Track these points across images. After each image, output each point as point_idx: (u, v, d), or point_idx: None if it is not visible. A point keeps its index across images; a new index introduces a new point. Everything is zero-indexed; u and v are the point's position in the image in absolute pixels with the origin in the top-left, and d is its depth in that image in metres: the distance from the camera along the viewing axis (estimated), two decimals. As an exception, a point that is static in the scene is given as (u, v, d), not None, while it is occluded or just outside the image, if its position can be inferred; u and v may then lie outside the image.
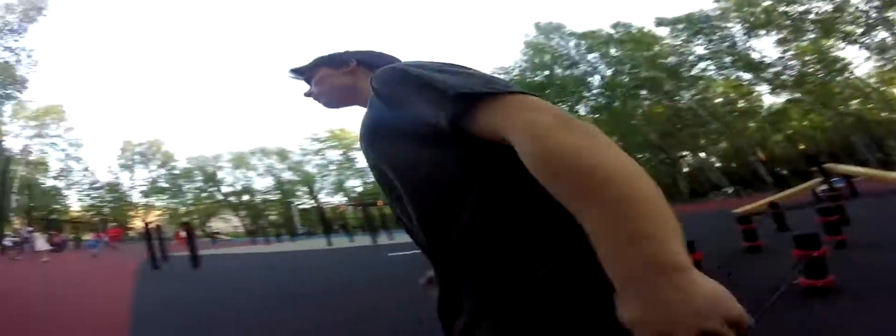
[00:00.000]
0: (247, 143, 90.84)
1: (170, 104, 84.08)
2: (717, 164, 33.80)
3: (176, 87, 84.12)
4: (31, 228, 17.44)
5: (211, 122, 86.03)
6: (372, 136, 0.80)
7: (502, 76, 39.75)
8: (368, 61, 1.12)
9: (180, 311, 4.73)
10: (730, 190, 26.07)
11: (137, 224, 47.42)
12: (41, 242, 16.03)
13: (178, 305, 5.31)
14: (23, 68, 34.72)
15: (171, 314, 4.52)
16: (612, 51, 34.39)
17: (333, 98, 1.14)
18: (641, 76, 32.29)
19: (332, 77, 1.13)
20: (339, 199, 48.63)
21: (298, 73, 1.20)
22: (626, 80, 33.78)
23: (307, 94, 1.20)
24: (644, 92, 33.22)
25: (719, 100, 32.33)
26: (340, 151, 51.96)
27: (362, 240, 19.26)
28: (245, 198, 53.42)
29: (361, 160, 49.22)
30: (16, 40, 33.42)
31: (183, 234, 17.92)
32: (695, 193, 30.71)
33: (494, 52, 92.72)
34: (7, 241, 19.46)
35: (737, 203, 16.45)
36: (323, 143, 51.73)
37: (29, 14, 33.19)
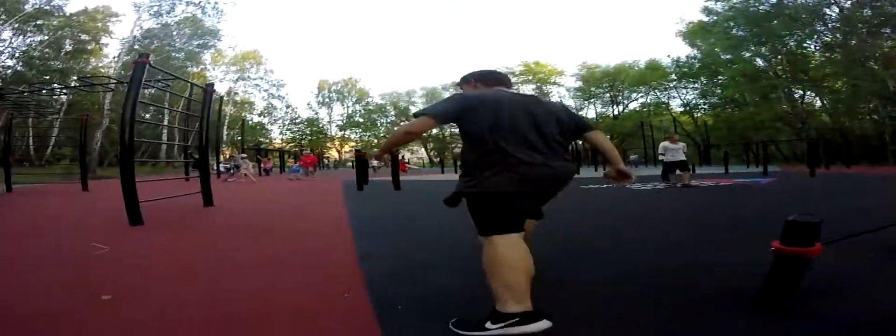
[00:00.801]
0: (439, 78, 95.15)
1: (363, 43, 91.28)
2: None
3: (369, 26, 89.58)
4: (243, 155, 20.04)
5: (404, 60, 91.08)
6: None
7: (719, 3, 34.97)
8: (483, 78, 2.19)
9: (385, 216, 4.99)
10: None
11: (333, 154, 53.55)
12: (250, 167, 18.19)
13: (384, 214, 5.60)
14: (211, 19, 39.36)
15: (380, 219, 5.06)
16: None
17: None
18: (886, 10, 26.07)
19: (467, 88, 2.21)
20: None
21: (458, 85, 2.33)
22: (869, 14, 27.64)
23: None
24: (888, 30, 26.86)
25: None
26: (535, 85, 51.52)
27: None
28: (434, 131, 56.42)
29: (555, 94, 51.18)
30: (193, -7, 37.42)
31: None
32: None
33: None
34: (222, 167, 22.72)
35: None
36: (517, 77, 51.66)
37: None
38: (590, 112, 50.94)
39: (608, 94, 49.70)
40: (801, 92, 34.44)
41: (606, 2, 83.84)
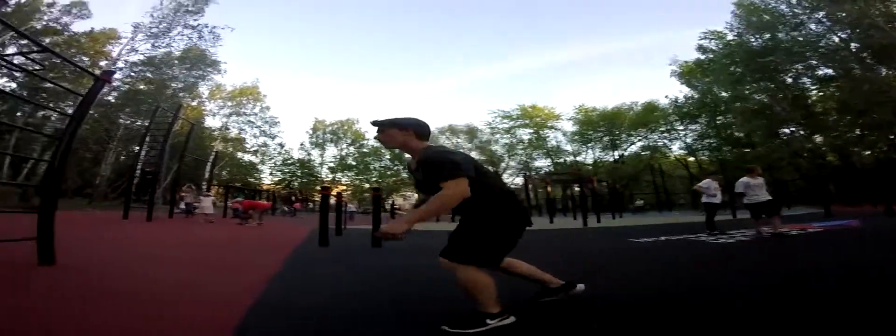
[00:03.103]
0: (438, 121, 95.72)
1: (362, 85, 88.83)
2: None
3: (369, 67, 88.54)
4: (209, 193, 17.12)
5: (402, 102, 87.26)
6: (429, 175, 2.20)
7: (714, 41, 34.96)
8: (420, 129, 2.44)
9: (335, 309, 2.93)
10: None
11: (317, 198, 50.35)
12: (210, 208, 15.32)
13: (334, 304, 3.08)
14: (206, 44, 37.21)
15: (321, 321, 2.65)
16: (841, 13, 27.15)
17: (391, 144, 2.48)
18: (876, 40, 25.19)
19: (398, 134, 2.43)
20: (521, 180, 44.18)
21: (375, 124, 2.51)
22: (858, 46, 27.00)
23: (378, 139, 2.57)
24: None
25: None
26: (531, 130, 49.96)
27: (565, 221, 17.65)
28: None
29: (552, 139, 50.55)
30: (195, 20, 35.89)
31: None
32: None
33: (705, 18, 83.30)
34: (181, 205, 19.16)
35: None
36: (514, 120, 50.32)
37: (198, -4, 35.58)
38: (588, 156, 49.49)
39: (607, 138, 47.77)
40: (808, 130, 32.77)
41: (604, 45, 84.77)
